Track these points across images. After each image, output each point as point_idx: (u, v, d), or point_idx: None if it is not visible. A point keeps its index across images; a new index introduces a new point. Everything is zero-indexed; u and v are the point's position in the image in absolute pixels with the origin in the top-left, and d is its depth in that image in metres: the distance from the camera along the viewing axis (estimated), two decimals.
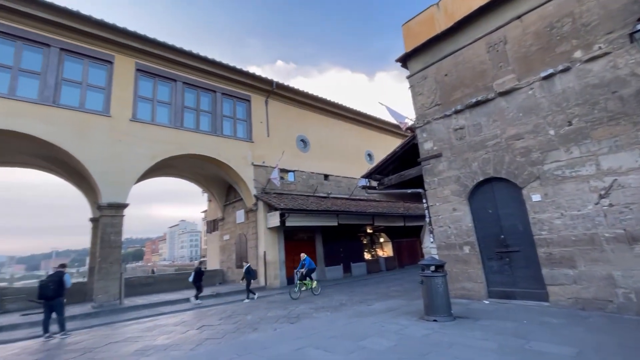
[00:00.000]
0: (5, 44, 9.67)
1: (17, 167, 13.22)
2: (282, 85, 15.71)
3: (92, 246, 13.49)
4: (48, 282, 7.13)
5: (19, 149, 10.95)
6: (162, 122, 12.20)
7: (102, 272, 10.22)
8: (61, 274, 7.36)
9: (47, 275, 7.44)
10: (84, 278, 16.64)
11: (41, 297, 7.12)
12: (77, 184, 13.36)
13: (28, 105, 9.56)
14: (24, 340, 7.04)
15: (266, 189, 14.26)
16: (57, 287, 7.15)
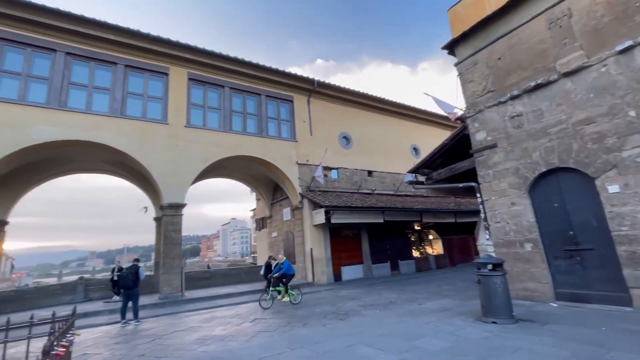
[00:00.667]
0: (81, 65, 10.97)
1: (96, 174, 14.99)
2: (323, 84, 15.76)
3: (156, 243, 14.81)
4: (127, 274, 8.03)
5: (97, 157, 12.38)
6: (213, 127, 12.95)
7: (166, 267, 11.17)
8: (136, 267, 8.26)
9: (125, 268, 8.38)
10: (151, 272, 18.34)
11: (121, 287, 8.08)
12: (143, 187, 14.74)
13: (101, 118, 10.76)
14: (105, 325, 7.97)
15: (311, 186, 14.45)
16: (134, 278, 8.02)
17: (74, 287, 12.41)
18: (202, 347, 5.35)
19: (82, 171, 14.15)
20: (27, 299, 11.57)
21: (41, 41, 10.27)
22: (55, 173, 13.24)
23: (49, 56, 10.42)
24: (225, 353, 4.76)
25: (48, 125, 9.82)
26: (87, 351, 5.56)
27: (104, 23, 10.89)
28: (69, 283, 12.82)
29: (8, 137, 9.24)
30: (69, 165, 13.02)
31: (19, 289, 12.76)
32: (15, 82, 9.86)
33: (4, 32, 9.79)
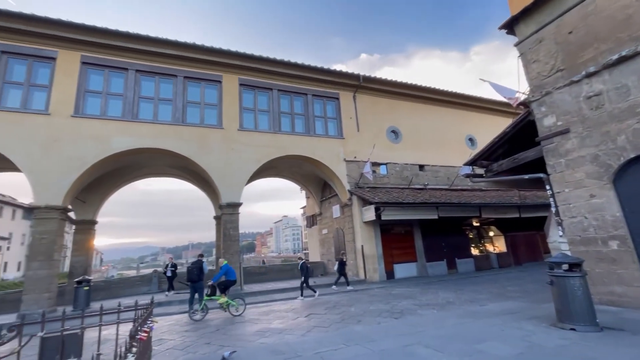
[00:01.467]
0: (148, 80, 12.19)
1: (164, 177, 16.61)
2: (369, 78, 15.47)
3: (217, 240, 15.93)
4: (193, 268, 8.86)
5: (163, 163, 13.70)
6: (263, 129, 13.48)
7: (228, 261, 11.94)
8: (201, 262, 9.09)
9: (191, 263, 9.21)
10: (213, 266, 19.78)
11: (188, 280, 8.92)
12: (204, 188, 15.95)
13: (165, 127, 11.85)
14: (176, 315, 8.79)
15: (359, 183, 14.32)
16: (199, 272, 8.81)
17: (150, 279, 13.89)
18: (261, 338, 5.62)
19: (152, 175, 15.74)
20: (114, 288, 13.25)
21: (116, 62, 11.63)
22: (131, 178, 14.94)
23: (122, 75, 11.76)
24: (283, 346, 4.94)
25: (124, 136, 11.10)
26: (163, 337, 6.20)
27: (166, 40, 11.96)
28: (146, 275, 14.38)
29: (94, 148, 10.66)
30: (141, 171, 14.59)
31: (107, 280, 14.68)
32: (98, 100, 11.31)
33: (89, 57, 11.28)
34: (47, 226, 9.84)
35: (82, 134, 10.62)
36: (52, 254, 9.74)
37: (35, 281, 9.40)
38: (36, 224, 9.85)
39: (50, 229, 9.85)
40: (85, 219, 13.81)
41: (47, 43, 10.77)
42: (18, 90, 10.41)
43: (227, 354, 4.43)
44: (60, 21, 10.68)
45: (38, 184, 9.90)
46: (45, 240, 9.74)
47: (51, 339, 2.77)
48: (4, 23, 10.20)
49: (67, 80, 10.82)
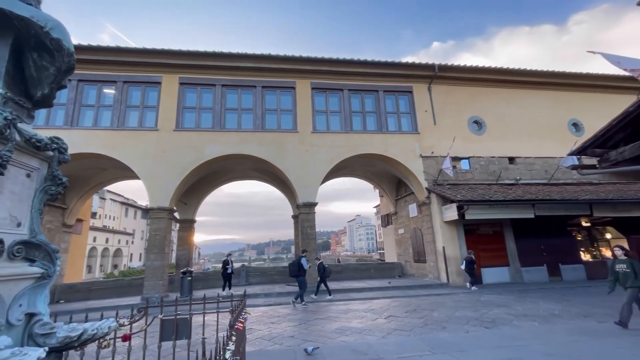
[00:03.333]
0: (232, 93, 13.50)
1: (246, 180, 18.23)
2: (446, 67, 14.37)
3: (295, 238, 16.77)
4: (292, 264, 9.76)
5: (246, 167, 15.01)
6: (335, 129, 13.67)
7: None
8: (300, 259, 9.84)
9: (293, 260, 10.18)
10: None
11: (290, 275, 9.86)
12: (282, 189, 16.97)
13: (248, 134, 12.94)
14: (262, 307, 9.51)
15: (438, 180, 13.42)
16: (298, 268, 9.64)
17: (239, 272, 15.35)
18: (341, 336, 5.69)
19: (237, 179, 17.39)
20: (210, 279, 15.03)
21: (206, 79, 13.19)
22: (220, 182, 16.76)
23: (211, 90, 13.27)
24: (364, 346, 4.91)
25: (214, 145, 12.50)
26: (252, 327, 6.77)
27: (245, 54, 13.08)
28: (236, 269, 15.95)
29: (192, 156, 12.26)
30: (228, 175, 16.24)
31: (204, 272, 16.76)
32: (193, 115, 12.98)
33: (185, 78, 13.04)
34: (160, 224, 11.69)
35: (182, 144, 12.31)
36: (163, 248, 11.54)
37: (152, 270, 11.27)
38: (152, 223, 11.79)
39: (162, 227, 11.68)
40: (187, 218, 16.01)
41: (154, 70, 12.81)
42: (135, 112, 12.62)
43: (310, 350, 4.60)
44: (164, 50, 12.58)
45: (152, 188, 11.83)
46: (158, 236, 11.59)
47: (168, 321, 3.27)
48: (124, 58, 12.49)
49: (169, 100, 12.69)
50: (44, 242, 2.14)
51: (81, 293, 13.17)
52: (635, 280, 5.49)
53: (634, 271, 5.55)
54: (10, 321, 1.82)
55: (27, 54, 2.17)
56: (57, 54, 2.14)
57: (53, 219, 13.42)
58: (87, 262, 32.69)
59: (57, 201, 13.09)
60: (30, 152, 2.13)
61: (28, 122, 2.26)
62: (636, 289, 5.51)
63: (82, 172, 13.29)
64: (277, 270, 16.30)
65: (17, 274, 1.96)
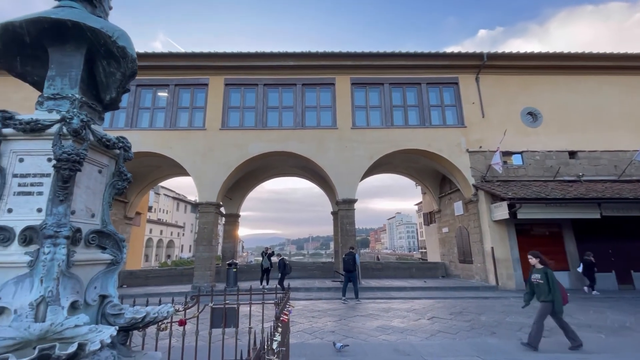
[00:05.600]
0: (273, 91, 13.85)
1: (287, 177, 18.65)
2: (496, 55, 13.40)
3: (334, 234, 16.83)
4: (348, 259, 9.80)
5: (287, 164, 15.35)
6: (375, 125, 13.43)
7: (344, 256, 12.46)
8: (353, 254, 9.95)
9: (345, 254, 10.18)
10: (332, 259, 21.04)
11: (344, 270, 9.88)
12: (321, 186, 17.10)
13: (288, 132, 13.20)
14: (303, 301, 9.69)
15: (486, 176, 12.61)
16: (353, 262, 9.67)
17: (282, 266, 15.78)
18: (383, 335, 5.62)
19: (278, 175, 17.86)
20: (253, 272, 15.66)
21: (249, 80, 13.67)
22: (262, 178, 17.35)
23: (253, 89, 13.73)
24: (407, 346, 4.79)
25: (257, 142, 12.94)
26: (294, 320, 6.93)
27: (286, 53, 13.32)
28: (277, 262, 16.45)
29: (236, 153, 12.81)
30: (270, 172, 16.74)
31: (248, 264, 17.50)
32: (237, 114, 13.54)
33: (230, 79, 13.64)
34: (208, 218, 12.42)
35: (227, 143, 12.92)
36: (211, 240, 12.25)
37: (201, 261, 12.03)
38: (200, 217, 12.56)
39: (209, 220, 12.39)
40: (232, 212, 16.82)
41: (201, 73, 13.56)
42: (186, 113, 13.47)
43: (339, 346, 4.59)
44: (210, 53, 13.26)
45: (200, 184, 12.59)
46: (207, 229, 12.32)
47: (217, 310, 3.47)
48: (175, 62, 13.38)
49: (215, 100, 13.36)
50: (113, 231, 2.38)
51: (140, 279, 14.47)
52: (548, 293, 4.68)
53: (547, 283, 4.73)
54: (87, 301, 2.05)
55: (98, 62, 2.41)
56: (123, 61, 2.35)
57: (116, 211, 14.86)
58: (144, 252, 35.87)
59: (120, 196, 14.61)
60: (101, 151, 2.37)
61: (99, 124, 2.51)
62: (548, 303, 4.69)
63: (140, 169, 14.53)
64: (316, 265, 16.51)
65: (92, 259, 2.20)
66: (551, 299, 4.69)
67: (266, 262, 13.11)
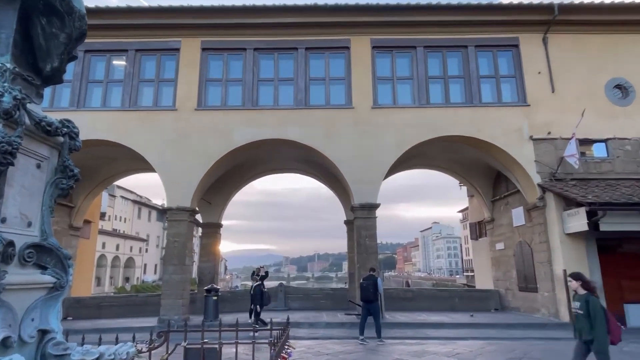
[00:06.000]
0: (266, 58, 13.93)
1: (284, 173, 18.73)
2: (571, 6, 13.18)
3: (348, 250, 16.86)
4: (367, 285, 9.76)
5: (285, 156, 15.44)
6: (405, 103, 13.40)
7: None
8: (375, 278, 9.91)
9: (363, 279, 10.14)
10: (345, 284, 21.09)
11: (362, 299, 9.84)
12: (331, 185, 17.13)
13: (287, 112, 13.25)
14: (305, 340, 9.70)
15: (557, 173, 12.49)
16: (374, 290, 9.63)
17: (276, 293, 15.92)
18: None
19: (273, 172, 17.94)
20: (239, 300, 15.78)
21: (234, 42, 13.76)
22: (251, 176, 17.47)
23: (240, 56, 13.80)
24: None
25: (245, 127, 13.03)
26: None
27: (284, 6, 13.36)
28: (271, 289, 16.56)
29: (218, 142, 12.92)
30: (262, 167, 16.86)
31: (233, 291, 17.71)
32: (218, 89, 13.66)
33: (208, 41, 13.73)
34: (179, 228, 12.57)
35: (205, 128, 13.03)
36: (183, 258, 12.40)
37: (171, 286, 12.19)
38: (169, 226, 12.75)
39: (181, 232, 12.55)
40: (211, 221, 16.99)
41: (171, 34, 13.67)
42: (150, 88, 13.64)
43: None
44: (182, 7, 13.42)
45: (170, 183, 12.74)
46: (178, 243, 12.48)
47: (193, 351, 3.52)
48: (136, 20, 13.52)
49: (189, 71, 13.47)
50: (56, 246, 2.42)
51: (90, 309, 14.70)
52: (590, 329, 4.58)
53: (588, 314, 4.62)
54: (22, 337, 2.09)
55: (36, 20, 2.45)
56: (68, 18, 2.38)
57: (59, 219, 15.13)
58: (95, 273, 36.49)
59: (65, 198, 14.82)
60: (40, 138, 2.40)
61: (37, 102, 2.55)
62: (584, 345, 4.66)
63: (89, 163, 14.73)
64: (324, 292, 16.58)
65: (29, 282, 2.24)
66: (591, 337, 4.60)
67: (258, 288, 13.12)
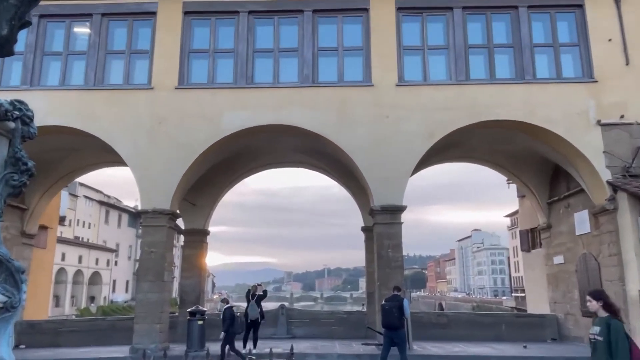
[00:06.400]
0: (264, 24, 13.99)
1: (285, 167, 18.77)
2: None
3: (366, 264, 16.87)
4: (391, 308, 9.66)
5: (287, 146, 15.48)
6: (438, 79, 13.37)
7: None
8: (400, 299, 9.80)
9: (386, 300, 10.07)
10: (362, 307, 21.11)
11: (384, 326, 9.74)
12: (345, 184, 17.15)
13: (290, 92, 13.30)
14: None
15: (632, 167, 12.39)
16: (400, 314, 9.56)
17: (276, 317, 15.99)
18: None
19: (272, 166, 18.00)
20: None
21: (224, 4, 13.83)
22: (246, 171, 17.56)
23: (232, 20, 13.84)
24: None
25: (237, 111, 13.11)
26: None
27: None
28: (270, 311, 16.64)
29: (204, 129, 12.98)
30: (259, 160, 16.92)
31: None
32: (205, 63, 13.72)
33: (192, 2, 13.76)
34: (156, 236, 12.69)
35: (188, 111, 13.14)
36: (162, 273, 12.50)
37: (146, 307, 12.30)
38: (144, 234, 12.87)
39: (159, 240, 12.66)
40: (196, 227, 17.09)
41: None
42: (120, 61, 13.78)
43: None
44: None
45: (144, 180, 12.87)
46: (155, 254, 12.58)
47: None
48: None
49: (169, 40, 13.54)
50: (6, 256, 2.46)
51: (47, 336, 14.91)
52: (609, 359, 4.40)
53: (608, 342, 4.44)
54: None
55: None
56: None
57: (9, 224, 15.32)
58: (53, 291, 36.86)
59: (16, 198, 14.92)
60: None
61: None
62: None
63: (46, 154, 14.85)
64: (336, 316, 16.58)
65: None
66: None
67: (254, 310, 13.18)
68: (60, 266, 43.49)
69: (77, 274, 48.59)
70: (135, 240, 60.65)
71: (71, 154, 15.55)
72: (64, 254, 43.88)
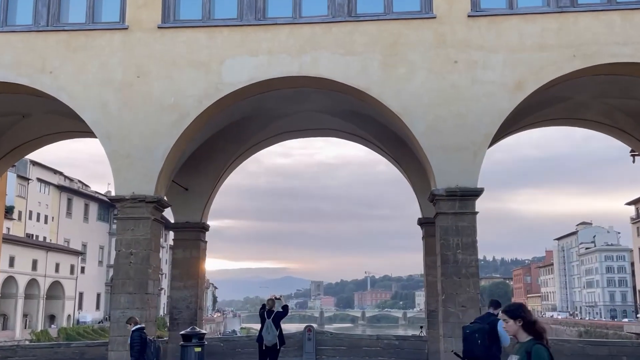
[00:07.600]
0: None
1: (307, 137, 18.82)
2: None
3: (425, 270, 16.85)
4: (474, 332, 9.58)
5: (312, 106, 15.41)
6: (531, 5, 13.05)
7: (449, 323, 12.38)
8: (494, 321, 9.68)
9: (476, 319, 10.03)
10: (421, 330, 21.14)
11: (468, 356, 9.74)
12: (394, 158, 17.03)
13: (314, 29, 13.19)
14: None
15: None
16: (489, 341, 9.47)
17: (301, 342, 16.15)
18: None
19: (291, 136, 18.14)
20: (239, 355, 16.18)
21: None
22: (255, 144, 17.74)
23: None
24: None
25: (244, 57, 13.12)
26: None
27: None
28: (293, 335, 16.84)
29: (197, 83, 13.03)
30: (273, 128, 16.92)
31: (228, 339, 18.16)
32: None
33: None
34: (136, 232, 12.87)
35: (176, 59, 13.23)
36: (145, 283, 12.69)
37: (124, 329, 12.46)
38: (120, 228, 13.06)
39: (141, 237, 12.84)
40: (190, 221, 17.30)
41: None
42: None
43: None
44: None
45: (118, 155, 13.06)
46: (135, 257, 12.75)
47: None
48: None
49: None
50: None
51: None
52: None
53: None
54: None
55: None
56: None
57: None
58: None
59: None
60: None
61: None
62: None
63: None
64: (385, 342, 16.65)
65: None
66: None
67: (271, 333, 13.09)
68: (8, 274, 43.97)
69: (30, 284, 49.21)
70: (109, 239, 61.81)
71: (18, 121, 15.84)
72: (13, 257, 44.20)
